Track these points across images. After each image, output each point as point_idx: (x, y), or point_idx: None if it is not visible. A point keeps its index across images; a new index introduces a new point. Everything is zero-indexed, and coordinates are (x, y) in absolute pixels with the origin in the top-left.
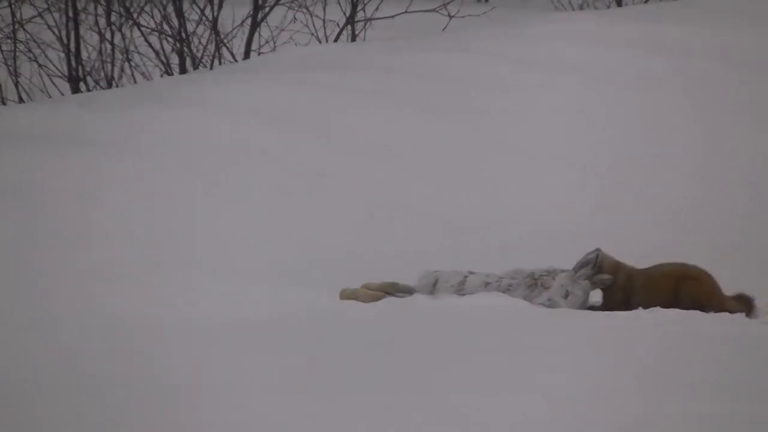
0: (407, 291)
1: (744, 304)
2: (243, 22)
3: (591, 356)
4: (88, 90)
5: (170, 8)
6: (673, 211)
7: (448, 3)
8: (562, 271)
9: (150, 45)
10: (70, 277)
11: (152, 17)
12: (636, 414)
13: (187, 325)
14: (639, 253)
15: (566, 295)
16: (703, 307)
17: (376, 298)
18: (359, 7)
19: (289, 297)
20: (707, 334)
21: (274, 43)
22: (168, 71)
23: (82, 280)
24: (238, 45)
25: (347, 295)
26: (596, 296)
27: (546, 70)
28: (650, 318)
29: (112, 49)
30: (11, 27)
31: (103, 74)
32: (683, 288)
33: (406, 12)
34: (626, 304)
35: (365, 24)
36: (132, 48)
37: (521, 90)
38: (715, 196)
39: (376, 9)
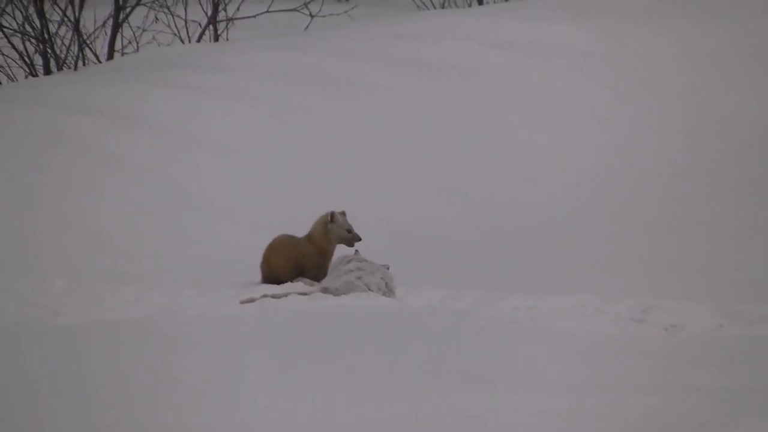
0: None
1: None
2: (105, 22)
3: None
4: None
5: (32, 9)
6: None
7: (309, 2)
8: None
9: (13, 46)
10: None
11: (14, 18)
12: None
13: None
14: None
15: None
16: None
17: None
18: (221, 7)
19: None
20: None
21: (137, 43)
22: (33, 72)
23: None
24: (102, 46)
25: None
26: None
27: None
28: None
29: None
30: None
31: None
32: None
33: (267, 12)
34: None
35: (227, 24)
36: None
37: (386, 91)
38: None
39: (238, 9)
